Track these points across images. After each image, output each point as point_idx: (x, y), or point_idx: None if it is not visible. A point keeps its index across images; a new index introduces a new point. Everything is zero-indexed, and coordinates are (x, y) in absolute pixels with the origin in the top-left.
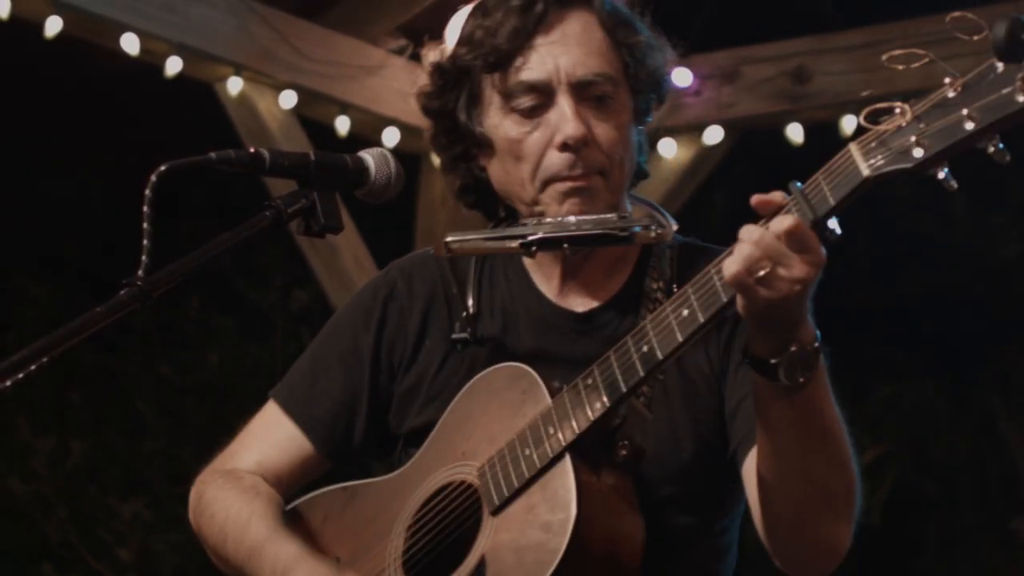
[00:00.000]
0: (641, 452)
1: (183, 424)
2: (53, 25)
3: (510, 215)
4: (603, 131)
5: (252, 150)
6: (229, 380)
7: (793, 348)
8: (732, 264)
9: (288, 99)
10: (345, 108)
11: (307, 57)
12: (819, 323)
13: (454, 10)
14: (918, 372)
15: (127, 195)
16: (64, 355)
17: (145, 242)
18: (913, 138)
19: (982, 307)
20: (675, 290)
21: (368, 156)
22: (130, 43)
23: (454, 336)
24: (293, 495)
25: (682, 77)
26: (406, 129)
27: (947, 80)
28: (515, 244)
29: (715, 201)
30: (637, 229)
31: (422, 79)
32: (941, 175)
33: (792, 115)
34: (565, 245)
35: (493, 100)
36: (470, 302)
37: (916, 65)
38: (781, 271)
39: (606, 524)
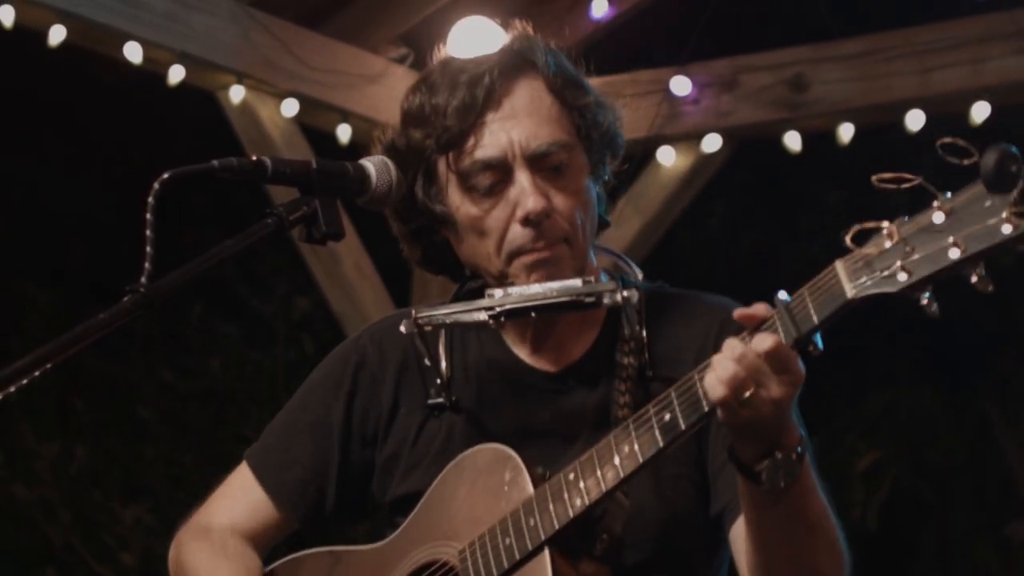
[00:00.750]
0: (621, 543)
1: (185, 430)
2: (57, 34)
3: (475, 276)
4: (562, 200)
5: (254, 158)
6: (231, 386)
7: (777, 455)
8: (716, 386)
9: (290, 107)
10: (346, 116)
11: (308, 66)
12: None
13: (453, 19)
14: (915, 378)
15: (130, 202)
16: (68, 361)
17: (148, 249)
18: (898, 263)
19: (979, 315)
20: (645, 339)
21: (369, 164)
22: (133, 52)
23: (430, 402)
24: (275, 550)
25: (681, 85)
26: None
27: (936, 203)
28: (483, 316)
29: (714, 208)
30: (604, 297)
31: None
32: (924, 300)
33: (790, 123)
34: (533, 314)
35: (450, 179)
36: (443, 366)
37: (905, 187)
38: (761, 392)
39: None
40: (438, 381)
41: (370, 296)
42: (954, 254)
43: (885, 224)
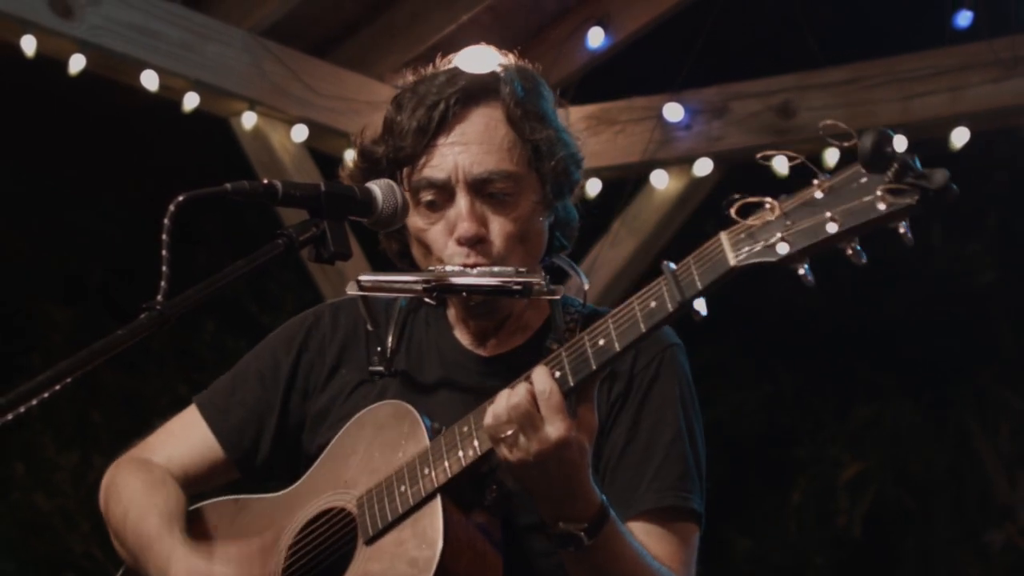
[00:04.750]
0: (510, 495)
1: None
2: (76, 63)
3: None
4: (500, 226)
5: (265, 181)
6: None
7: (560, 525)
8: (488, 415)
9: (300, 133)
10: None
11: (318, 93)
12: (808, 344)
13: (457, 48)
14: (898, 392)
15: (146, 224)
16: (87, 375)
17: (164, 268)
18: (779, 234)
19: (959, 331)
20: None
21: (375, 187)
22: (149, 79)
23: (371, 368)
24: (197, 498)
25: (673, 112)
26: None
27: (815, 181)
28: (419, 288)
29: (705, 229)
30: (534, 287)
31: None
32: (801, 271)
33: (778, 148)
34: (464, 293)
35: (405, 192)
36: (390, 340)
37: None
38: (520, 438)
39: (470, 561)
40: (379, 349)
41: None
42: (831, 228)
43: (768, 200)
